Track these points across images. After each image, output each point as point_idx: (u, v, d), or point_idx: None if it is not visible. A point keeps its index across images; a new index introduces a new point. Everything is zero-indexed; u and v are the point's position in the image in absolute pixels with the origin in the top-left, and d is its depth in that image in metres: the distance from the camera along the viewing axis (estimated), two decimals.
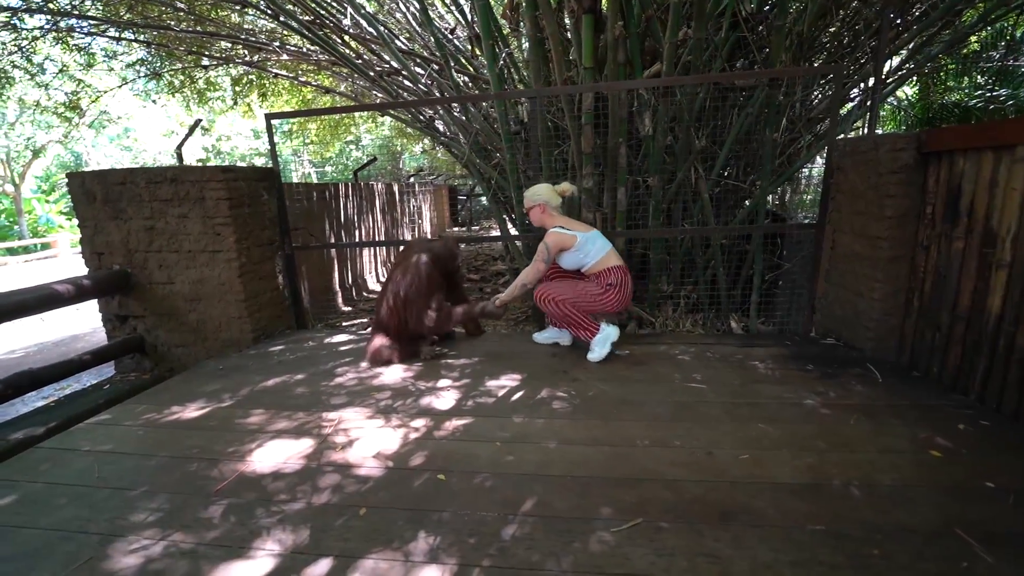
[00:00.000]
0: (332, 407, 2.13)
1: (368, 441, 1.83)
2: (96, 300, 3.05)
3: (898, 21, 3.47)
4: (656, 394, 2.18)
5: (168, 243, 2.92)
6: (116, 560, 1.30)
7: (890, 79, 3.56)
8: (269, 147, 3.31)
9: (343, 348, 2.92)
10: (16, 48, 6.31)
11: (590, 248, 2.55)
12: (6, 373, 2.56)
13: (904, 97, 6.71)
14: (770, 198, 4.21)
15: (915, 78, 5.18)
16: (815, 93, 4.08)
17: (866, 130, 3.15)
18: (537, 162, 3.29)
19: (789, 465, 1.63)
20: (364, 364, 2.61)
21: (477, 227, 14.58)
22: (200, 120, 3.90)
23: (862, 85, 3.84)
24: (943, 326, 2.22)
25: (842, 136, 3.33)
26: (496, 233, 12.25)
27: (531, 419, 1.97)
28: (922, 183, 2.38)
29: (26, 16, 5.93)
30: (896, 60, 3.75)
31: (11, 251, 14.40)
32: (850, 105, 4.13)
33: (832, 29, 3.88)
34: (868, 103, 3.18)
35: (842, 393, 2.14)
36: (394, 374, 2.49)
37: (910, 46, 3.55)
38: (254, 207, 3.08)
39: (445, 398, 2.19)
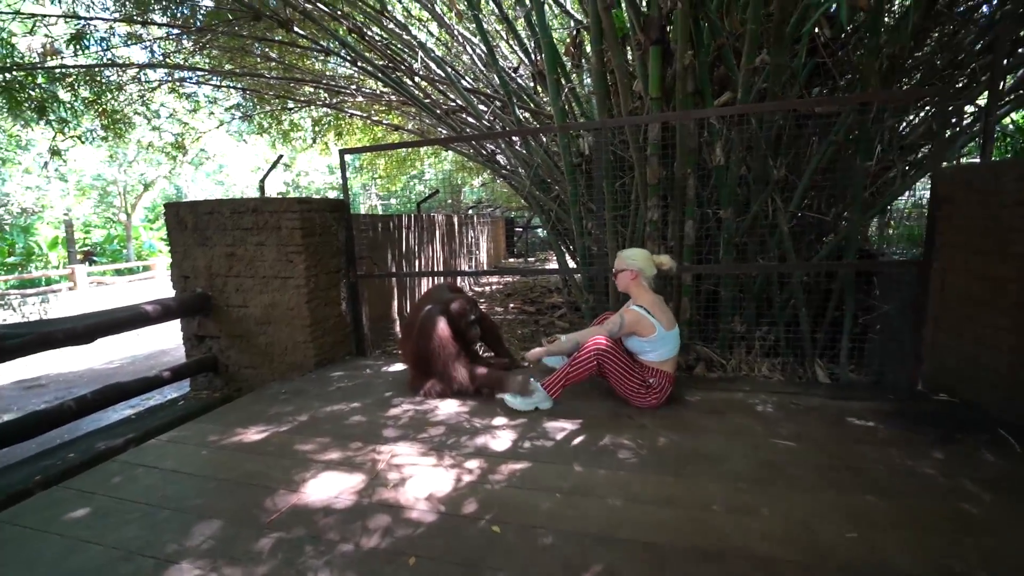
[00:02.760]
0: (386, 439, 2.08)
1: (420, 480, 1.75)
2: (179, 320, 3.28)
3: (1012, 37, 3.10)
4: (736, 449, 1.94)
5: (246, 268, 3.10)
6: None
7: (1003, 101, 3.17)
8: (341, 180, 3.48)
9: (399, 378, 2.90)
10: (139, 97, 7.28)
11: (661, 347, 2.35)
12: (104, 382, 2.78)
13: (1008, 122, 6.00)
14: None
15: None
16: (908, 118, 3.74)
17: (979, 157, 2.79)
18: (600, 194, 3.20)
19: (911, 551, 1.35)
20: (419, 396, 2.56)
21: (533, 259, 14.64)
22: (282, 156, 4.22)
23: (967, 109, 3.46)
24: None
25: (948, 164, 2.96)
26: (552, 265, 12.20)
27: (593, 469, 1.81)
28: None
29: (149, 71, 6.86)
30: (1009, 80, 3.35)
31: (119, 272, 16.31)
32: (949, 132, 3.73)
33: (924, 50, 3.56)
34: (981, 126, 2.83)
35: (969, 463, 1.80)
36: (449, 408, 2.42)
37: None
38: (324, 236, 3.21)
39: (501, 438, 2.07)
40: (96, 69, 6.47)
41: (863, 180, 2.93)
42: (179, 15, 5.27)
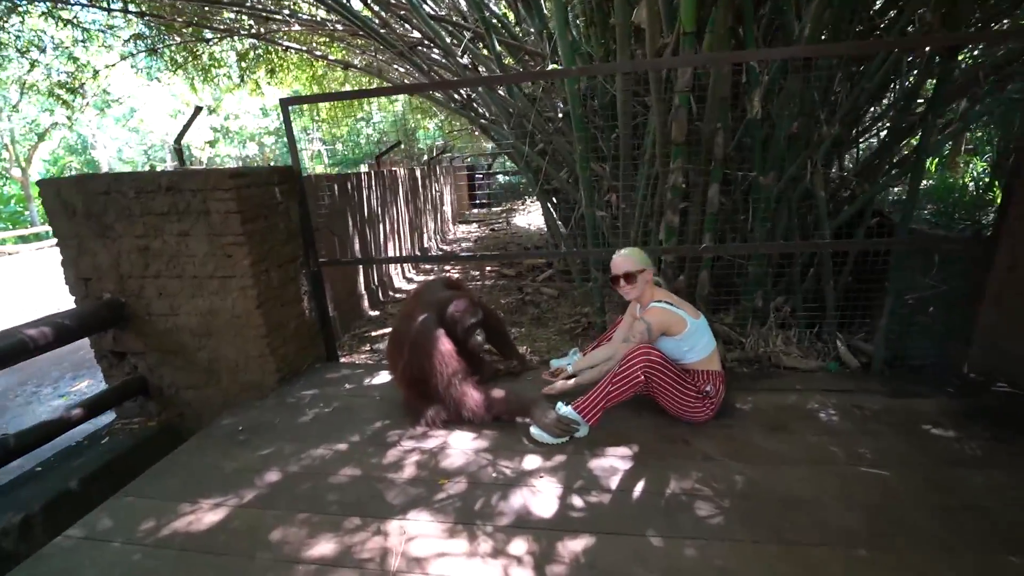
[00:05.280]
0: (392, 508, 1.58)
1: None
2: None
3: None
4: (825, 487, 1.60)
5: (167, 267, 2.36)
6: None
7: None
8: (287, 138, 2.69)
9: (388, 394, 2.37)
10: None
11: (697, 341, 1.95)
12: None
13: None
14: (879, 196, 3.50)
15: None
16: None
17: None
18: (628, 151, 2.64)
19: None
20: (420, 427, 2.05)
21: (498, 208, 13.87)
22: (201, 108, 3.28)
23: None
24: None
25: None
26: (520, 217, 11.55)
27: (675, 541, 1.40)
28: None
29: None
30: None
31: (23, 239, 14.04)
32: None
33: None
34: None
35: None
36: (462, 443, 1.93)
37: None
38: (271, 219, 2.49)
39: (542, 493, 1.62)
40: None
41: (932, 134, 2.49)
42: None
